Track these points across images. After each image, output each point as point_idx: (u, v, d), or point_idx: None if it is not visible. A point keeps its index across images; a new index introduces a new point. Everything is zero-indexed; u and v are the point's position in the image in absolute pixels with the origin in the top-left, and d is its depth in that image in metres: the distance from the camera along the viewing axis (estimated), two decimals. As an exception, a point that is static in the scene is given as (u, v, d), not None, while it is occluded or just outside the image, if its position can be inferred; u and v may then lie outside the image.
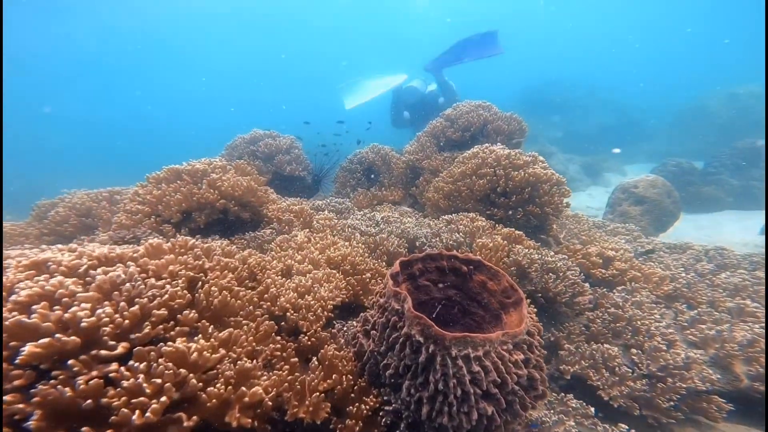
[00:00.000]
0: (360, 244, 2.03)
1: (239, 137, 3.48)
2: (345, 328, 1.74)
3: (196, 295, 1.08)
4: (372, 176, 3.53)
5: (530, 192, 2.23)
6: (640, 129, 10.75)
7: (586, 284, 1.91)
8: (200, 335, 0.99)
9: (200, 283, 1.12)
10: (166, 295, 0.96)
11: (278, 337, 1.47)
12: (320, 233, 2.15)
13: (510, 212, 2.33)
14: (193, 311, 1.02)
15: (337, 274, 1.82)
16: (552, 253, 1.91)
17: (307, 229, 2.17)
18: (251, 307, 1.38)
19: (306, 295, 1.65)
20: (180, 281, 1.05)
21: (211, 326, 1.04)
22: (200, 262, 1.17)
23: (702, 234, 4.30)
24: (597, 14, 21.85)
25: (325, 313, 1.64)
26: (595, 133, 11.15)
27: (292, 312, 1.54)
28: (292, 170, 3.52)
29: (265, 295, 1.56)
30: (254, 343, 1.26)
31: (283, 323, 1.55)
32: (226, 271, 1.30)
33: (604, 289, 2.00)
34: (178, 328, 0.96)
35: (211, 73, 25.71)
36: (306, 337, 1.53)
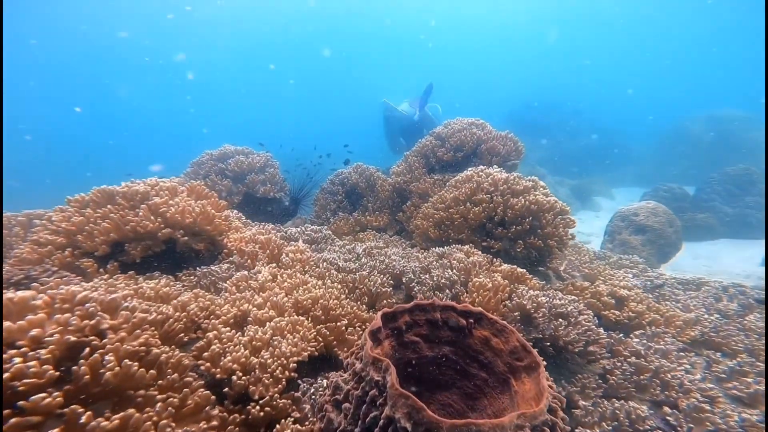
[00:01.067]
0: (336, 284, 1.73)
1: (206, 153, 3.19)
2: (312, 390, 1.40)
3: (75, 368, 0.76)
4: (355, 199, 3.28)
5: (531, 222, 2.01)
6: (624, 151, 11.10)
7: (601, 330, 1.66)
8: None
9: (88, 350, 0.80)
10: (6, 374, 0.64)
11: (216, 410, 1.13)
12: (289, 269, 1.84)
13: (509, 244, 2.10)
14: (58, 393, 0.70)
15: (306, 322, 1.51)
16: (560, 295, 1.66)
17: (274, 264, 1.86)
18: (175, 374, 1.04)
19: (262, 351, 1.33)
20: (44, 351, 0.73)
21: (90, 412, 0.72)
22: (92, 322, 0.85)
23: (699, 264, 4.21)
24: (580, 38, 23.36)
25: (287, 373, 1.31)
26: (581, 156, 11.44)
27: (241, 375, 1.21)
28: (266, 191, 3.23)
29: (205, 354, 1.22)
30: (172, 424, 0.93)
31: (228, 389, 1.21)
32: (140, 330, 0.97)
33: (620, 335, 1.75)
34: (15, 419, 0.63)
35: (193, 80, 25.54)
36: (258, 407, 1.19)
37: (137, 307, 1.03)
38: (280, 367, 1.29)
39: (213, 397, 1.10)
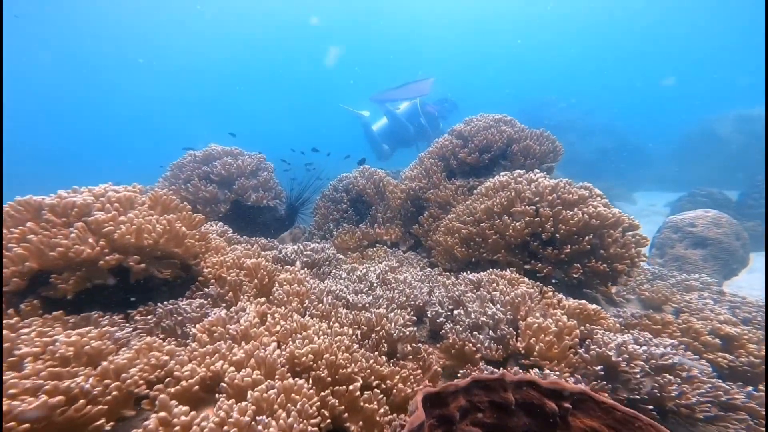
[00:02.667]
0: (345, 328, 1.33)
1: (189, 154, 2.80)
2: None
3: None
4: (362, 208, 2.89)
5: (592, 240, 1.62)
6: (640, 153, 10.75)
7: (732, 387, 1.25)
8: None
9: None
10: None
11: None
12: (283, 307, 1.44)
13: (561, 268, 1.70)
14: None
15: (306, 387, 1.10)
16: (656, 341, 1.26)
17: (263, 299, 1.46)
18: None
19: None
20: None
21: None
22: None
23: (755, 278, 3.80)
24: (591, 35, 23.14)
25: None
26: (595, 158, 11.08)
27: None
28: (258, 198, 2.84)
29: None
30: None
31: None
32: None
33: (750, 388, 1.35)
34: None
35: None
36: None
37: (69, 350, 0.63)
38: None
39: None
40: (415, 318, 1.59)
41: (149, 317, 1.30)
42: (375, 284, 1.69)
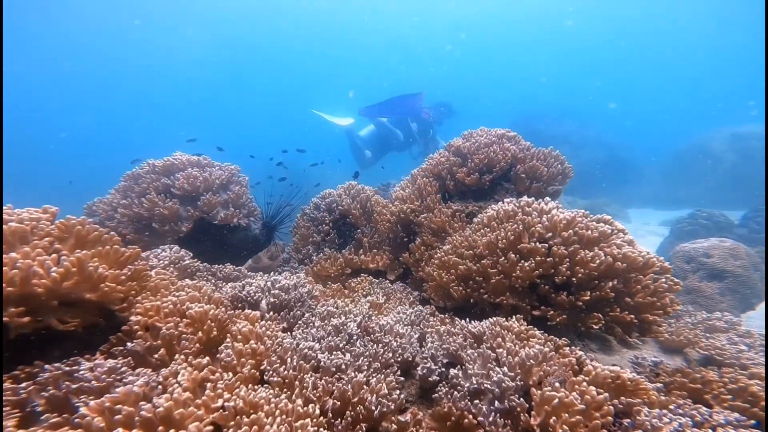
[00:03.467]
0: (311, 406, 1.02)
1: (146, 163, 2.47)
2: None
3: None
4: (346, 230, 2.59)
5: (615, 286, 1.37)
6: (632, 169, 10.79)
7: None
8: None
9: None
10: None
11: None
12: (231, 372, 1.12)
13: (576, 317, 1.44)
14: None
15: None
16: (722, 417, 0.99)
17: (207, 359, 1.14)
18: None
19: None
20: None
21: None
22: None
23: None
24: (585, 46, 23.61)
25: None
26: (587, 171, 11.07)
27: None
28: (227, 216, 2.52)
29: None
30: None
31: None
32: None
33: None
34: None
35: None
36: None
37: None
38: None
39: None
40: (402, 378, 1.30)
41: (29, 385, 0.96)
42: (355, 336, 1.39)
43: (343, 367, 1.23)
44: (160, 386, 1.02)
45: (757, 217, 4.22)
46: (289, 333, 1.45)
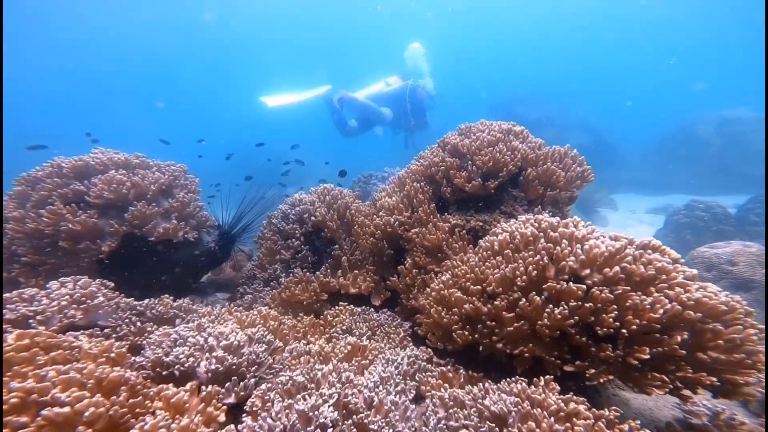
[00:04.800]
0: None
1: (50, 164, 1.91)
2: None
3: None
4: (320, 245, 2.17)
5: (685, 339, 1.05)
6: (616, 153, 10.82)
7: None
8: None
9: None
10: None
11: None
12: None
13: (629, 375, 1.13)
14: None
15: None
16: None
17: None
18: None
19: None
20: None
21: None
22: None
23: None
24: (568, 27, 23.24)
25: None
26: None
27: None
28: (169, 231, 2.03)
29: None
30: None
31: None
32: None
33: None
34: None
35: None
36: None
37: None
38: None
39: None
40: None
41: None
42: (330, 428, 1.01)
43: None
44: None
45: (756, 208, 4.15)
46: (238, 422, 1.05)
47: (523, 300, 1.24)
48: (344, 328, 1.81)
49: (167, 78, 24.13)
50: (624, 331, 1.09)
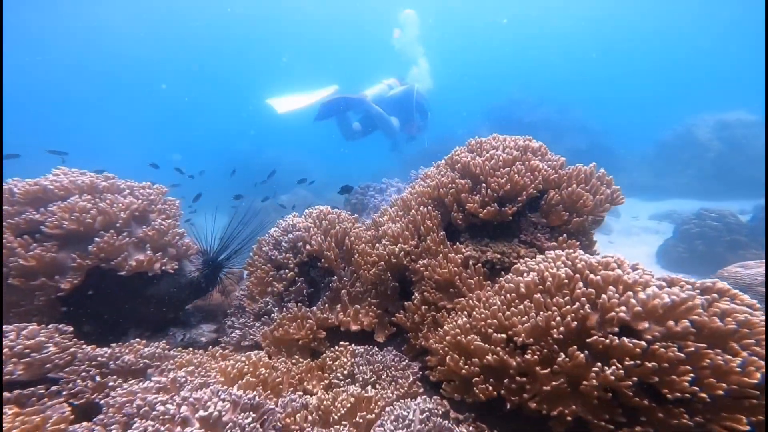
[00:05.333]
0: None
1: None
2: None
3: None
4: (317, 276, 1.96)
5: None
6: (614, 156, 10.79)
7: None
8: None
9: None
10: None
11: None
12: None
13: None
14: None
15: None
16: None
17: None
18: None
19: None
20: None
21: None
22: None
23: None
24: (565, 28, 23.38)
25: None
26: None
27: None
28: (143, 264, 1.80)
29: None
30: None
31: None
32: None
33: None
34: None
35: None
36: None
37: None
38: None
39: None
40: None
41: None
42: None
43: None
44: None
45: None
46: None
47: (562, 356, 1.05)
48: (345, 372, 1.61)
49: (158, 82, 23.75)
50: (705, 395, 0.90)
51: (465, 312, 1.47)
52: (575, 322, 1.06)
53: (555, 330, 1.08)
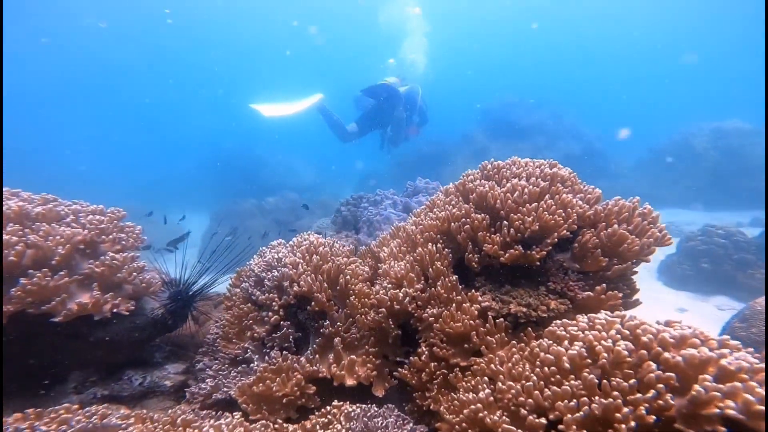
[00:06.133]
0: None
1: None
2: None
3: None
4: (305, 319, 1.68)
5: None
6: (608, 163, 10.79)
7: None
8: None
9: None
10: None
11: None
12: None
13: None
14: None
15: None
16: None
17: None
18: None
19: None
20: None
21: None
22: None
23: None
24: (560, 32, 23.39)
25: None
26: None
27: None
28: (87, 307, 1.49)
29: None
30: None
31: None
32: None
33: None
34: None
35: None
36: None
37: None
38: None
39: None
40: None
41: None
42: None
43: None
44: None
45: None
46: None
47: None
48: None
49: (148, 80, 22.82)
50: None
51: (485, 377, 1.23)
52: (653, 418, 0.82)
53: (623, 425, 0.84)
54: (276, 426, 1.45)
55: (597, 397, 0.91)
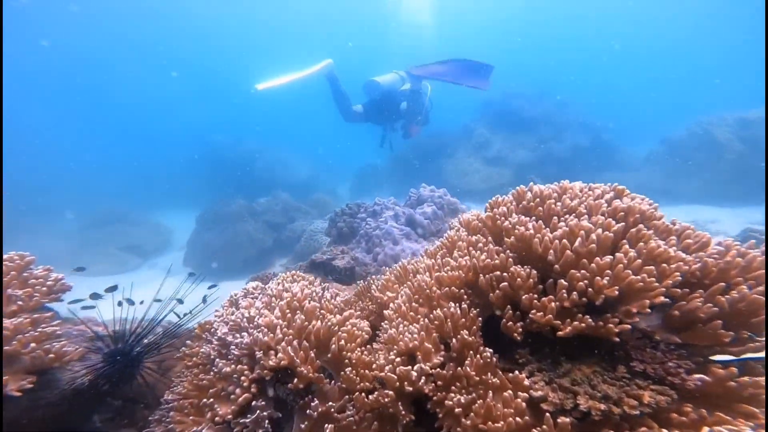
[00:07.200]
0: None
1: None
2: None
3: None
4: (286, 395, 1.29)
5: None
6: (618, 155, 10.37)
7: None
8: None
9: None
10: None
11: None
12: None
13: None
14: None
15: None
16: None
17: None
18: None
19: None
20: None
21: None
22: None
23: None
24: (568, 19, 22.56)
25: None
26: (569, 157, 10.48)
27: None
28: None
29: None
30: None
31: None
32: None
33: None
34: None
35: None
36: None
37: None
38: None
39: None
40: None
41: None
42: None
43: None
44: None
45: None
46: None
47: None
48: None
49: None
50: None
51: None
52: None
53: None
54: None
55: None
